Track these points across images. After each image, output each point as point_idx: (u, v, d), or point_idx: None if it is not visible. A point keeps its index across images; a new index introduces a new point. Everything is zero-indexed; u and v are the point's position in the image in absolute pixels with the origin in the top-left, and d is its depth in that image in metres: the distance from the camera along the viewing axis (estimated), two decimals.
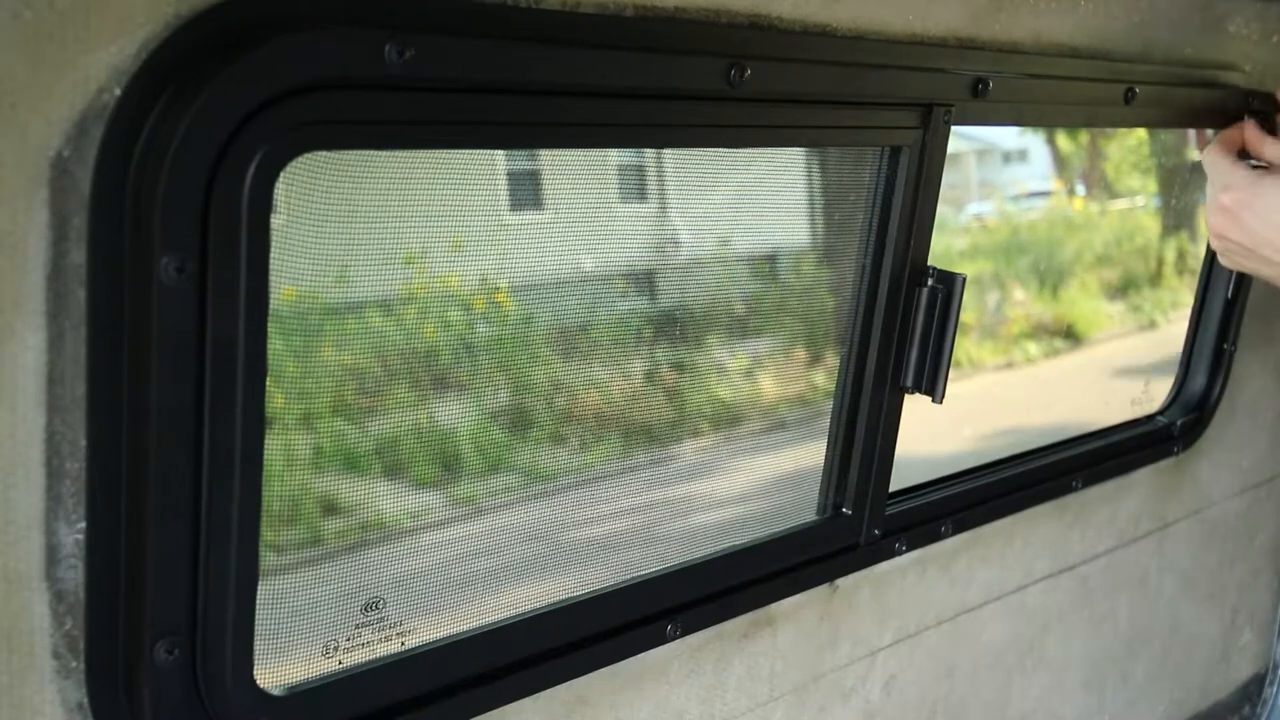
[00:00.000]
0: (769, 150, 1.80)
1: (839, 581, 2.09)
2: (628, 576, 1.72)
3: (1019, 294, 10.30)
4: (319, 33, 1.15)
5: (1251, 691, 3.50)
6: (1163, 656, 3.10)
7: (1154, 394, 2.82)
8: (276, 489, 1.37)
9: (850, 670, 2.20)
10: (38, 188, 1.07)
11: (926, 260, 1.93)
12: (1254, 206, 1.88)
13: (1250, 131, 2.06)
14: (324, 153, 1.25)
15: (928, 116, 1.80)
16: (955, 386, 2.02)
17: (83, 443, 1.14)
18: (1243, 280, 2.65)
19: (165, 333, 1.12)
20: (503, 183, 1.66)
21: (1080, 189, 11.85)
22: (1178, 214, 5.55)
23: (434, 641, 1.50)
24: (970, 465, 2.37)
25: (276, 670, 1.36)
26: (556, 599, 1.63)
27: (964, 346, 9.07)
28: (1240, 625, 3.37)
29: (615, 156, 1.79)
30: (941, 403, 1.98)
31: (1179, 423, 2.77)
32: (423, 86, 1.25)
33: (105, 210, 1.09)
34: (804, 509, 1.99)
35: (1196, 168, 2.20)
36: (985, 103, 1.87)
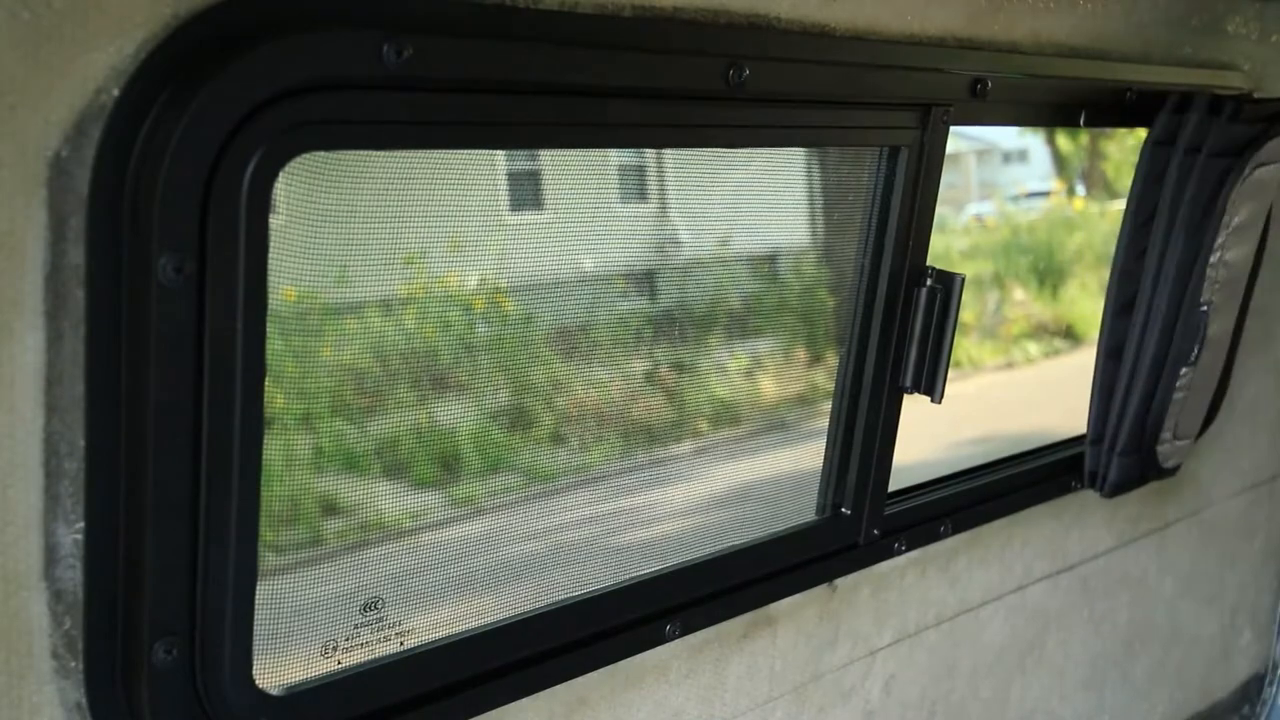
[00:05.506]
0: (768, 150, 1.80)
1: (838, 581, 2.09)
2: (627, 576, 1.72)
3: (1019, 294, 10.30)
4: (317, 33, 1.15)
5: (1251, 691, 3.49)
6: (1163, 656, 3.10)
7: None
8: (275, 489, 1.37)
9: (850, 670, 2.20)
10: (36, 188, 1.07)
11: (926, 260, 1.93)
12: None
13: None
14: (322, 153, 1.25)
15: (926, 116, 1.80)
16: (954, 387, 2.02)
17: (81, 443, 1.14)
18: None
19: (164, 333, 1.12)
20: (502, 183, 1.66)
21: (1080, 189, 11.85)
22: None
23: (434, 641, 1.50)
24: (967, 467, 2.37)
25: (275, 670, 1.36)
26: (556, 599, 1.63)
27: (964, 347, 9.07)
28: (1240, 625, 3.37)
29: (615, 156, 1.79)
30: (940, 402, 1.98)
31: None
32: (421, 86, 1.25)
33: (103, 210, 1.09)
34: (803, 509, 1.99)
35: None
36: (984, 103, 1.87)
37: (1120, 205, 2.35)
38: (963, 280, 1.93)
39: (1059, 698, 2.77)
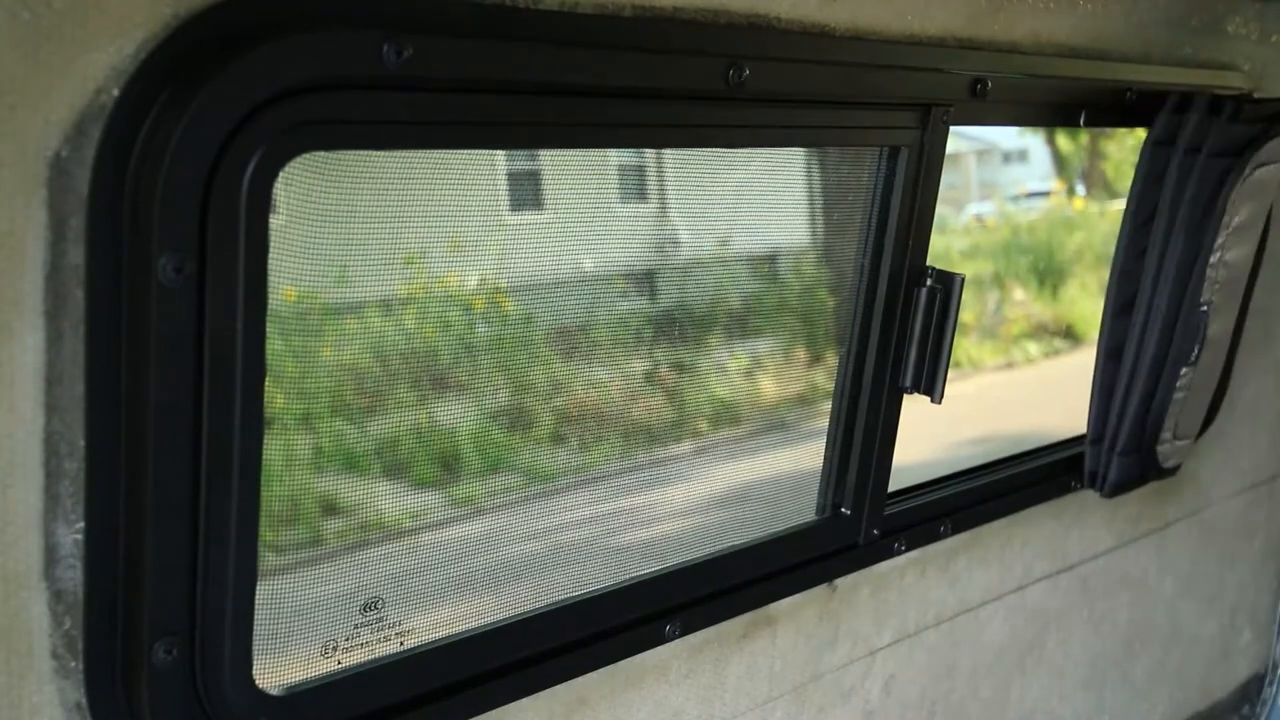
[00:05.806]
0: (768, 150, 1.80)
1: (838, 581, 2.09)
2: (627, 576, 1.72)
3: (1019, 294, 10.30)
4: (317, 33, 1.15)
5: (1251, 691, 3.50)
6: (1163, 656, 3.10)
7: None
8: (275, 489, 1.37)
9: (849, 670, 2.20)
10: (36, 188, 1.07)
11: (925, 260, 1.93)
12: None
13: None
14: (323, 153, 1.25)
15: (926, 116, 1.80)
16: (954, 387, 2.02)
17: (81, 443, 1.14)
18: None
19: (164, 333, 1.12)
20: (502, 183, 1.66)
21: (1080, 189, 11.85)
22: None
23: (434, 641, 1.50)
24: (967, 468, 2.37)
25: (275, 670, 1.36)
26: (556, 599, 1.63)
27: (964, 347, 9.08)
28: (1240, 625, 3.37)
29: (615, 156, 1.79)
30: (940, 403, 1.98)
31: None
32: (421, 86, 1.25)
33: (103, 210, 1.09)
34: (803, 509, 1.99)
35: None
36: (984, 103, 1.87)
37: (1120, 205, 2.35)
38: (962, 280, 1.93)
39: (1059, 698, 2.77)
